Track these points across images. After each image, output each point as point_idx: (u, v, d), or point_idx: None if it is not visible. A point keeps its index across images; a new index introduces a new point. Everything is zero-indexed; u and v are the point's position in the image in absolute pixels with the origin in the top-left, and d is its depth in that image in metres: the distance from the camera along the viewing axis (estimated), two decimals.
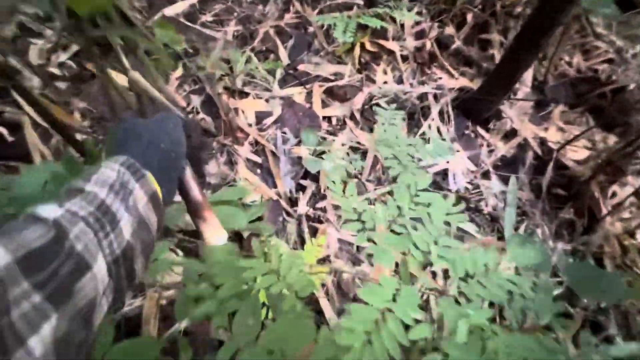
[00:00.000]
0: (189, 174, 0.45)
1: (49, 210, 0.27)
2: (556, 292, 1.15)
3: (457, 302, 0.51)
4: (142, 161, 0.36)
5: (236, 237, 0.86)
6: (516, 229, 1.24)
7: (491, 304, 0.96)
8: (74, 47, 1.13)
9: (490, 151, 1.34)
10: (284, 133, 1.23)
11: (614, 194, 1.31)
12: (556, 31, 1.05)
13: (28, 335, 0.20)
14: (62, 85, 1.11)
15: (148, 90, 0.79)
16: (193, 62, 1.25)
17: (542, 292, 0.57)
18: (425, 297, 0.99)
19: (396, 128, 0.79)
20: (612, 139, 1.40)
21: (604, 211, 1.17)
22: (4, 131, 1.00)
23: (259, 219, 0.96)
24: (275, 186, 1.13)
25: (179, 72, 1.25)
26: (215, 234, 0.47)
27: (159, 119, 0.42)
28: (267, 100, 1.28)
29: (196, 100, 1.22)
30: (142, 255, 0.33)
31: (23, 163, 0.97)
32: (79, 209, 0.28)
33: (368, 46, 1.45)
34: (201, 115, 1.19)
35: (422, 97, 1.39)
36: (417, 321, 0.43)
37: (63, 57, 1.12)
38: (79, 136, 1.04)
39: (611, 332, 1.12)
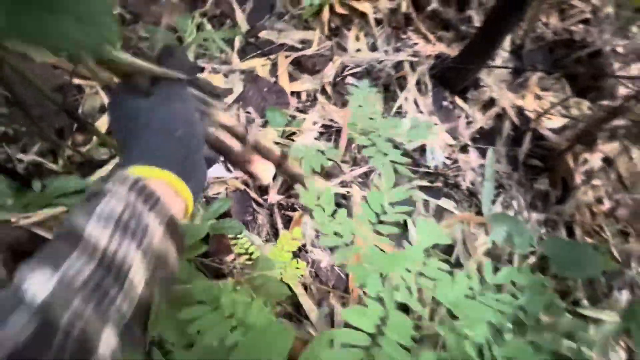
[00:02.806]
0: (213, 132, 0.40)
1: (38, 286, 0.22)
2: (530, 261, 1.17)
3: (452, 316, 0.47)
4: (158, 161, 0.30)
5: (202, 241, 0.76)
6: (493, 202, 1.23)
7: None
8: None
9: (469, 123, 1.28)
10: (248, 113, 1.10)
11: (585, 161, 1.32)
12: None
13: None
14: None
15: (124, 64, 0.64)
16: (133, 31, 1.06)
17: (531, 292, 0.54)
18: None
19: (371, 106, 0.70)
20: (585, 105, 1.39)
21: (578, 181, 1.17)
22: None
23: (225, 215, 0.86)
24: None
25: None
26: (265, 171, 0.47)
27: (164, 96, 0.34)
28: (225, 75, 1.12)
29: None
30: (160, 295, 0.29)
31: None
32: (77, 273, 0.24)
33: (338, 8, 1.29)
34: None
35: (398, 66, 1.28)
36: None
37: None
38: None
39: (578, 295, 1.17)
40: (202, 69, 0.42)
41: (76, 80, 1.02)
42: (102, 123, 1.02)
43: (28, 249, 0.59)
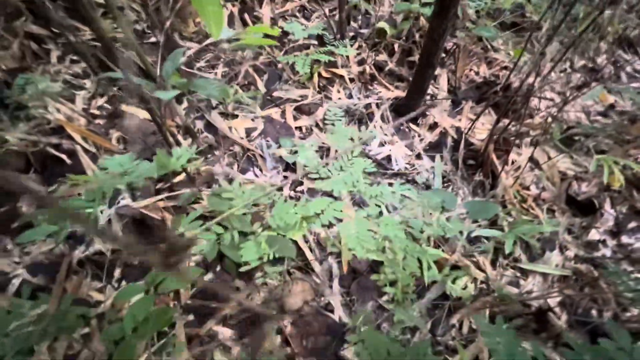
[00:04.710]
0: None
1: None
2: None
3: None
4: None
5: None
6: None
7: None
8: (109, 93, 1.55)
9: (421, 139, 1.81)
10: (267, 141, 1.66)
11: (513, 162, 1.80)
12: (450, 49, 1.55)
13: None
14: (101, 121, 1.51)
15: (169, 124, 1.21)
16: (194, 96, 1.69)
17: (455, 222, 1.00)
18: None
19: (346, 130, 1.25)
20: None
21: (500, 170, 1.64)
22: (64, 156, 1.38)
23: None
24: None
25: (185, 104, 1.68)
26: None
27: None
28: (252, 119, 1.72)
29: (200, 124, 1.64)
30: None
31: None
32: None
33: (324, 74, 1.94)
34: (205, 134, 1.61)
35: (367, 106, 1.87)
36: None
37: (101, 101, 1.53)
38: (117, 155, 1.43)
39: (517, 254, 1.55)
40: None
41: None
42: None
43: None
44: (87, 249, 1.22)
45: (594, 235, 1.64)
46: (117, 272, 1.23)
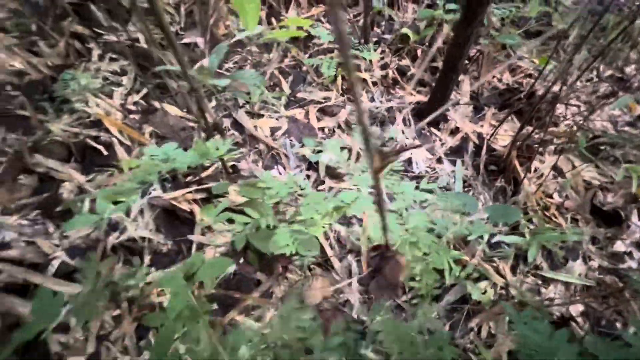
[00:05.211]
0: None
1: None
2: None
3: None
4: None
5: None
6: None
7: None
8: (144, 90, 1.64)
9: (442, 144, 1.82)
10: (291, 140, 1.71)
11: (536, 169, 1.79)
12: (473, 56, 1.57)
13: None
14: (136, 116, 1.59)
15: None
16: (222, 95, 1.76)
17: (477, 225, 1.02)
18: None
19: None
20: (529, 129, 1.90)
21: (522, 177, 1.64)
22: (102, 148, 1.46)
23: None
24: None
25: (214, 102, 1.75)
26: None
27: None
28: (277, 119, 1.77)
29: (227, 122, 1.70)
30: None
31: (114, 168, 1.42)
32: None
33: (347, 77, 1.98)
34: (231, 132, 1.67)
35: (389, 109, 1.90)
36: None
37: (137, 97, 1.62)
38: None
39: (538, 262, 1.53)
40: None
41: None
42: None
43: None
44: (121, 236, 1.29)
45: (619, 246, 1.60)
46: (147, 259, 1.29)
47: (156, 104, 1.62)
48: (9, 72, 1.52)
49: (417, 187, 0.85)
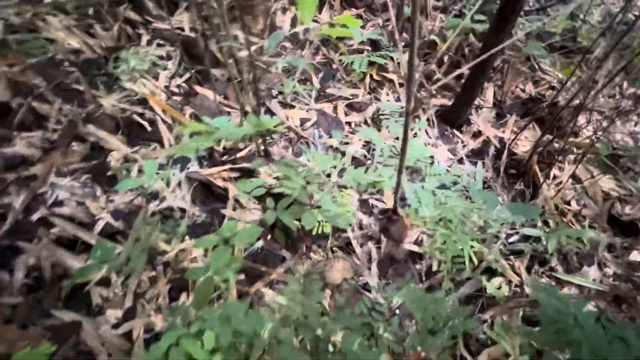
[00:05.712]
0: None
1: None
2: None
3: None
4: None
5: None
6: None
7: None
8: (187, 75, 1.75)
9: (464, 146, 1.88)
10: (319, 131, 1.80)
11: (555, 177, 1.83)
12: (498, 66, 1.64)
13: None
14: (178, 98, 1.70)
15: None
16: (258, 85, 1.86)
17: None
18: None
19: (397, 124, 1.36)
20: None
21: (542, 182, 1.68)
22: (146, 124, 1.57)
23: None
24: None
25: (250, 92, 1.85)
26: None
27: None
28: (307, 111, 1.86)
29: (261, 110, 1.80)
30: None
31: (156, 143, 1.53)
32: None
33: (375, 76, 2.07)
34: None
35: (414, 110, 1.97)
36: None
37: (180, 81, 1.74)
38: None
39: (553, 264, 1.57)
40: None
41: None
42: None
43: None
44: (160, 204, 1.38)
45: (635, 256, 1.63)
46: (181, 228, 1.38)
47: (197, 88, 1.73)
48: (67, 50, 1.66)
49: (447, 171, 0.91)
